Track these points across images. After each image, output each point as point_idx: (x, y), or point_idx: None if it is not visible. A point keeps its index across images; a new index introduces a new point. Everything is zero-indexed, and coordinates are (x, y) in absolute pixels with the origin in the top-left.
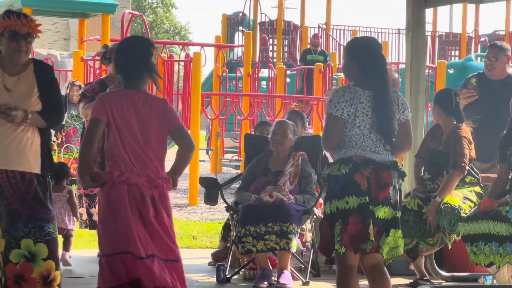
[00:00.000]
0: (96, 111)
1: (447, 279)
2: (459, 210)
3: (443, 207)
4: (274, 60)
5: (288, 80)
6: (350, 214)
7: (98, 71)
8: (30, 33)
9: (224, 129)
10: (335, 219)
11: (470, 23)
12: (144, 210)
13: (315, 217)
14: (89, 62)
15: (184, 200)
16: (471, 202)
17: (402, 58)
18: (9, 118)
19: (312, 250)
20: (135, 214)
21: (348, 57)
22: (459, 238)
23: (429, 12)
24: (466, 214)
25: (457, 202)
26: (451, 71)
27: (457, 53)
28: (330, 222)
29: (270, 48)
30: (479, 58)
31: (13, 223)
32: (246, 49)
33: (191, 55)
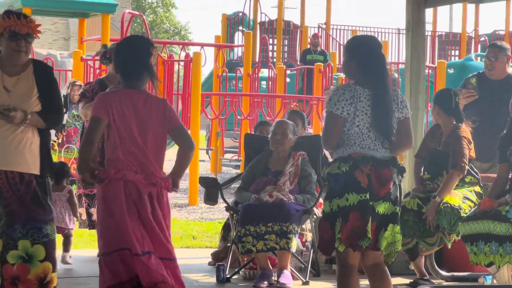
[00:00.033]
0: (96, 110)
1: (447, 279)
2: (459, 210)
3: (443, 207)
4: (274, 60)
5: (288, 80)
6: (350, 210)
7: (98, 71)
8: (30, 33)
9: (224, 129)
10: (336, 217)
11: (470, 23)
12: (141, 207)
13: (315, 217)
14: (89, 62)
15: (184, 200)
16: (471, 202)
17: (402, 58)
18: (8, 118)
19: (312, 250)
20: (132, 211)
21: (348, 55)
22: (459, 238)
23: (429, 12)
24: (466, 214)
25: (456, 202)
26: (451, 71)
27: (457, 53)
28: (331, 222)
29: (270, 48)
30: (479, 58)
31: (11, 224)
32: (246, 49)
33: (191, 55)
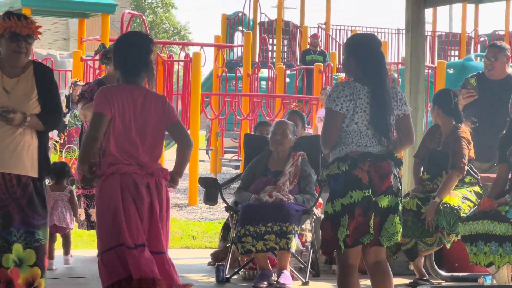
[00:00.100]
0: (99, 106)
1: (447, 279)
2: (459, 210)
3: (443, 207)
4: (274, 60)
5: (287, 80)
6: (355, 207)
7: (97, 71)
8: (31, 34)
9: (223, 129)
10: (340, 217)
11: (470, 23)
12: (138, 199)
13: (315, 217)
14: (88, 62)
15: (183, 200)
16: (471, 202)
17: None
18: (7, 120)
19: (311, 250)
20: (129, 203)
21: (347, 53)
22: (459, 238)
23: (428, 12)
24: (466, 214)
25: (456, 202)
26: (451, 71)
27: (456, 53)
28: (333, 222)
29: (270, 48)
30: (479, 58)
31: (6, 227)
32: (245, 49)
33: (191, 55)
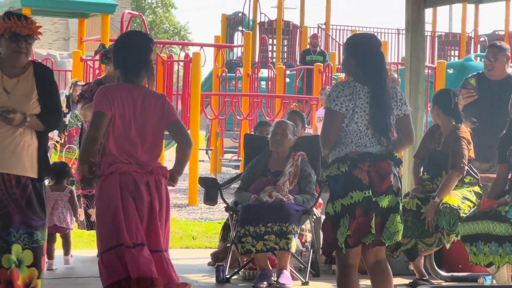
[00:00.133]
0: (99, 105)
1: (447, 279)
2: (458, 210)
3: (442, 207)
4: (274, 60)
5: (287, 80)
6: (356, 207)
7: (97, 71)
8: (31, 34)
9: (223, 129)
10: (340, 217)
11: (470, 23)
12: (138, 198)
13: (315, 217)
14: (88, 62)
15: (183, 200)
16: (470, 202)
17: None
18: (7, 120)
19: (311, 250)
20: (129, 202)
21: (347, 53)
22: (459, 238)
23: (428, 12)
24: (466, 214)
25: (456, 202)
26: (451, 71)
27: (456, 53)
28: (333, 223)
29: (270, 48)
30: (479, 58)
31: (5, 227)
32: (245, 49)
33: (191, 55)
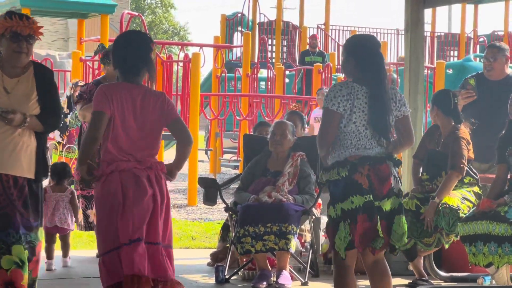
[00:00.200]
0: (98, 104)
1: (446, 280)
2: (458, 211)
3: (442, 208)
4: (273, 60)
5: (287, 80)
6: (358, 213)
7: (96, 72)
8: (32, 34)
9: (223, 129)
10: (340, 221)
11: (469, 24)
12: (141, 192)
13: (314, 217)
14: (88, 63)
15: (183, 200)
16: (470, 202)
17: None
18: (6, 121)
19: (311, 251)
20: (130, 199)
21: (346, 54)
22: (458, 239)
23: (428, 12)
24: (465, 214)
25: (455, 202)
26: (450, 72)
27: (456, 53)
28: (334, 226)
29: (269, 48)
30: (478, 59)
31: (4, 228)
32: (245, 49)
33: (190, 56)
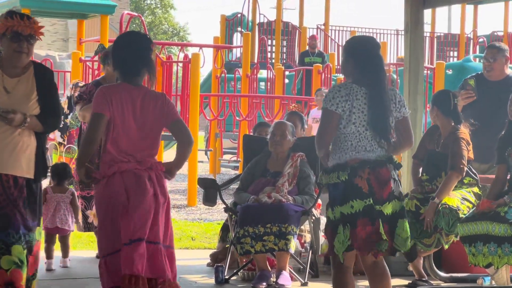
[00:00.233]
0: (98, 106)
1: (446, 280)
2: (457, 211)
3: (441, 208)
4: (273, 61)
5: (286, 81)
6: (357, 217)
7: (96, 72)
8: (32, 34)
9: (222, 130)
10: (338, 225)
11: (469, 24)
12: (142, 192)
13: (314, 218)
14: (87, 63)
15: (182, 201)
16: (470, 203)
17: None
18: (6, 120)
19: (310, 251)
20: (133, 200)
21: (345, 55)
22: (458, 239)
23: (427, 12)
24: (465, 215)
25: (455, 203)
26: (450, 72)
27: (455, 54)
28: (333, 229)
29: (269, 49)
30: (478, 59)
31: (4, 229)
32: (244, 50)
33: (190, 56)
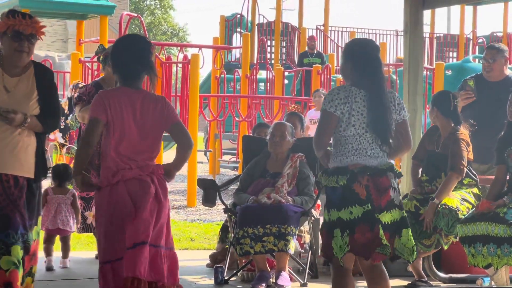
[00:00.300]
0: (95, 110)
1: (445, 281)
2: (457, 212)
3: (441, 209)
4: (272, 61)
5: (286, 81)
6: (356, 224)
7: (96, 73)
8: (34, 34)
9: (222, 130)
10: (334, 228)
11: (468, 25)
12: (145, 197)
13: (313, 218)
14: (87, 64)
15: (182, 201)
16: (469, 203)
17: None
18: (7, 120)
19: (310, 252)
20: (138, 206)
21: (344, 57)
22: (457, 240)
23: (427, 13)
24: (464, 215)
25: (454, 203)
26: (449, 73)
27: (455, 54)
28: (328, 230)
29: (268, 49)
30: (477, 60)
31: (4, 229)
32: (244, 50)
33: (189, 57)
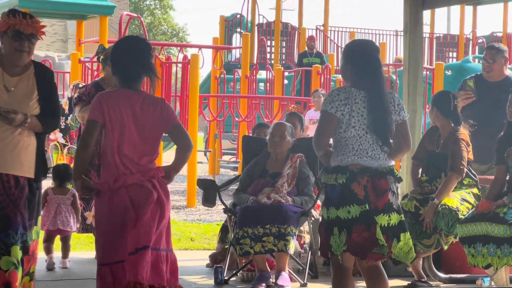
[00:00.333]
0: (93, 112)
1: (445, 281)
2: (457, 212)
3: (441, 209)
4: (272, 61)
5: (286, 81)
6: (353, 223)
7: (95, 73)
8: (34, 34)
9: (222, 131)
10: (333, 226)
11: (468, 25)
12: (147, 201)
13: (313, 218)
14: (87, 64)
15: (182, 202)
16: (469, 203)
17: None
18: (7, 120)
19: (310, 252)
20: (140, 212)
21: (344, 58)
22: (457, 240)
23: (426, 13)
24: (464, 215)
25: (454, 203)
26: (449, 73)
27: (454, 54)
28: (326, 228)
29: (268, 49)
30: (477, 60)
31: (4, 229)
32: (244, 50)
33: (189, 57)
